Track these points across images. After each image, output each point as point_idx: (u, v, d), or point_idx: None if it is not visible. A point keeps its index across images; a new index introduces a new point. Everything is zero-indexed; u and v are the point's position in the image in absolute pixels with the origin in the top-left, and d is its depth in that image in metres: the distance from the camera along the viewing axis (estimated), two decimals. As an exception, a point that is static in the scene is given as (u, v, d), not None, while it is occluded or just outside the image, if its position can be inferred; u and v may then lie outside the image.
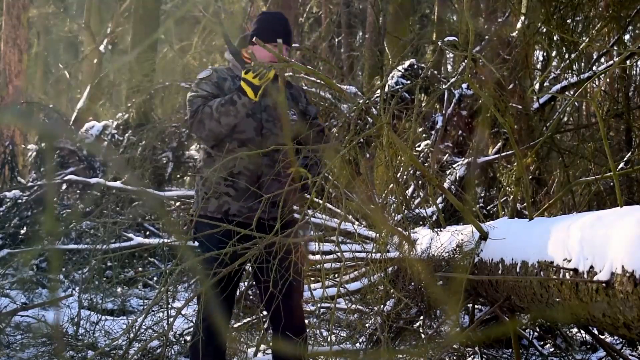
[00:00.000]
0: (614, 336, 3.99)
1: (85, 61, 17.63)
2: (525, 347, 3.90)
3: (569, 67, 5.29)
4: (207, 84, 3.09)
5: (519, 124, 5.22)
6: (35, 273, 6.01)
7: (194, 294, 3.01)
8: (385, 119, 2.89)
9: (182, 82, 8.49)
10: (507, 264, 2.87)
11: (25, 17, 10.87)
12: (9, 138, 9.83)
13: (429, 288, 3.32)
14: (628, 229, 2.08)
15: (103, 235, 4.56)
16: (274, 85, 3.06)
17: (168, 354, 3.83)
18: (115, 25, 16.41)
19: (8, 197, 6.48)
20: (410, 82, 5.57)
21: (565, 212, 5.08)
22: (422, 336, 3.51)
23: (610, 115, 5.22)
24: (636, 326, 2.08)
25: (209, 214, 3.03)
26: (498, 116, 3.13)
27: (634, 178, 5.00)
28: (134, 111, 8.73)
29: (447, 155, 5.60)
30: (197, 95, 3.06)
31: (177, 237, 3.85)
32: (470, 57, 3.04)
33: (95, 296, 4.72)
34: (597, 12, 5.27)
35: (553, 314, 2.61)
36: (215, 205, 3.03)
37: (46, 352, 3.70)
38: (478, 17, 7.92)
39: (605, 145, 2.74)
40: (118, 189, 5.63)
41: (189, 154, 8.20)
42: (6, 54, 10.64)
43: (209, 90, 3.07)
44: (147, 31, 11.05)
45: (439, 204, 4.79)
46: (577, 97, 4.19)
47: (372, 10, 9.51)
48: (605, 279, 2.13)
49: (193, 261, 3.04)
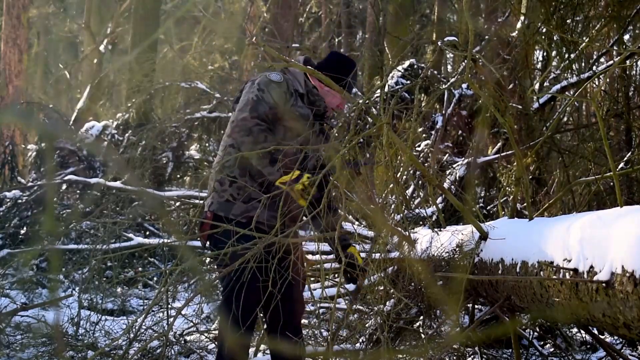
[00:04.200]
0: (614, 336, 3.99)
1: (85, 61, 17.64)
2: (525, 347, 3.90)
3: (569, 67, 5.29)
4: (276, 92, 3.00)
5: (519, 124, 5.22)
6: (35, 273, 6.01)
7: (194, 294, 3.01)
8: (385, 119, 2.89)
9: (182, 82, 8.50)
10: (507, 264, 2.87)
11: (25, 17, 10.88)
12: (9, 138, 9.84)
13: (429, 288, 3.32)
14: (628, 229, 2.08)
15: (103, 235, 4.56)
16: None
17: (168, 354, 3.83)
18: (115, 25, 16.41)
19: (8, 197, 6.48)
20: (410, 82, 5.57)
21: (565, 212, 5.07)
22: (422, 336, 3.51)
23: (610, 115, 5.22)
24: (636, 326, 2.08)
25: (231, 217, 2.99)
26: (498, 116, 3.13)
27: (634, 178, 4.99)
28: (134, 111, 8.73)
29: (447, 155, 5.60)
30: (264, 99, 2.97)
31: (177, 237, 3.85)
32: (470, 57, 3.04)
33: (95, 296, 4.73)
34: (597, 12, 5.26)
35: (553, 314, 2.61)
36: (240, 209, 2.99)
37: (46, 352, 3.70)
38: (478, 17, 7.93)
39: (605, 145, 2.74)
40: (118, 189, 5.64)
41: (189, 154, 8.21)
42: (6, 54, 10.64)
43: (276, 99, 2.98)
44: (147, 31, 11.05)
45: (439, 204, 4.79)
46: (577, 97, 4.19)
47: (372, 10, 9.51)
48: (605, 279, 2.13)
49: (193, 261, 3.04)
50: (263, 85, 3.00)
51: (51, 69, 21.77)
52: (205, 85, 8.49)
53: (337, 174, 2.74)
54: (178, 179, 8.55)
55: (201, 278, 4.17)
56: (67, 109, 16.95)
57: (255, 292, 2.88)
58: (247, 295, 2.86)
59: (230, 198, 3.01)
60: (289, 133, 3.02)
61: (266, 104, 2.97)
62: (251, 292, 2.88)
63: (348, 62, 3.21)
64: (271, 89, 3.00)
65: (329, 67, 3.11)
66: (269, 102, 2.97)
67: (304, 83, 3.12)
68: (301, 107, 3.06)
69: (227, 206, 3.01)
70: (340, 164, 2.73)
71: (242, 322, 2.88)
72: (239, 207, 2.99)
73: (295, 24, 12.29)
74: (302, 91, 3.10)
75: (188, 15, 16.03)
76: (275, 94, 2.99)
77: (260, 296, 2.89)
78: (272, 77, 3.03)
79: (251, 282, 2.84)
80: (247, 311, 2.89)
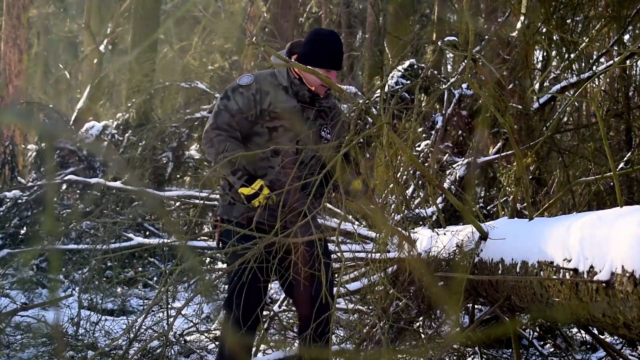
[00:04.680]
0: (614, 336, 3.99)
1: (85, 61, 17.63)
2: (525, 347, 3.90)
3: (569, 67, 5.29)
4: (242, 95, 3.01)
5: (519, 124, 5.22)
6: (35, 273, 6.01)
7: (194, 294, 3.01)
8: (385, 119, 2.89)
9: (182, 82, 8.49)
10: (507, 264, 2.87)
11: (25, 17, 10.87)
12: (9, 138, 9.84)
13: (429, 288, 3.32)
14: (628, 229, 2.09)
15: (103, 235, 4.56)
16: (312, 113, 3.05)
17: (168, 354, 3.83)
18: (115, 25, 16.40)
19: (8, 197, 6.48)
20: (410, 82, 5.57)
21: (565, 212, 5.07)
22: (422, 336, 3.51)
23: (610, 115, 5.22)
24: (636, 326, 2.08)
25: (232, 219, 3.03)
26: (498, 116, 3.13)
27: (634, 178, 4.99)
28: (134, 111, 8.73)
29: (447, 155, 5.60)
30: (225, 108, 3.00)
31: (177, 237, 3.85)
32: (470, 57, 3.04)
33: (95, 296, 4.72)
34: (597, 12, 5.26)
35: (553, 314, 2.61)
36: (240, 211, 3.01)
37: (46, 352, 3.69)
38: (478, 17, 7.93)
39: (605, 145, 2.75)
40: (118, 189, 5.63)
41: (189, 154, 8.21)
42: (6, 54, 10.64)
43: (240, 105, 3.00)
44: (147, 31, 11.04)
45: (439, 204, 4.79)
46: (577, 97, 4.19)
47: (372, 10, 9.51)
48: (605, 279, 2.13)
49: (193, 261, 3.04)
50: (230, 92, 3.04)
51: (51, 69, 21.77)
52: (205, 85, 8.49)
53: (337, 174, 2.74)
54: (178, 179, 8.54)
55: (201, 278, 4.17)
56: (67, 109, 16.95)
57: (256, 292, 2.88)
58: (247, 295, 2.86)
59: (231, 200, 3.05)
60: (278, 131, 3.03)
61: (228, 112, 3.00)
62: (252, 292, 2.88)
63: (327, 37, 3.10)
64: (236, 95, 3.02)
65: (313, 49, 3.05)
66: (232, 109, 3.00)
67: (286, 75, 3.08)
68: (283, 100, 3.04)
69: (229, 209, 3.06)
70: (340, 164, 2.73)
71: (243, 322, 2.88)
72: (239, 209, 3.02)
73: (295, 24, 12.29)
74: (286, 84, 3.07)
75: (188, 15, 16.02)
76: (240, 98, 3.01)
77: (261, 297, 2.90)
78: (241, 80, 3.06)
79: (252, 283, 2.84)
80: (247, 311, 2.89)
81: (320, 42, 3.06)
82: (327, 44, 3.05)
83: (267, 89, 3.04)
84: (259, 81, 3.05)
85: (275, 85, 3.06)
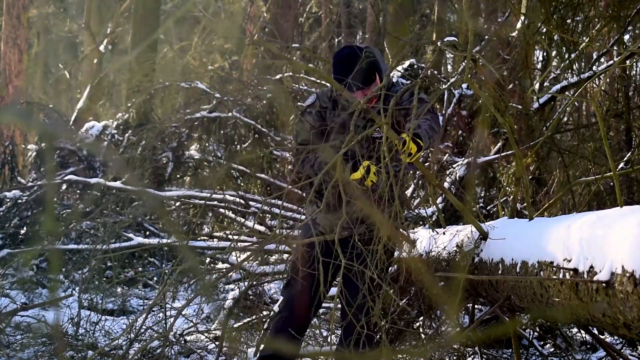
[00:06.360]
0: (614, 336, 3.99)
1: (85, 61, 17.62)
2: (525, 347, 3.90)
3: (569, 67, 5.29)
4: (310, 114, 3.28)
5: (519, 124, 5.22)
6: (35, 273, 6.01)
7: (194, 295, 3.02)
8: (385, 119, 2.89)
9: (182, 82, 8.48)
10: (507, 264, 2.87)
11: (25, 17, 10.87)
12: (9, 138, 9.84)
13: (429, 288, 3.32)
14: (628, 229, 2.09)
15: (103, 235, 4.57)
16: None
17: (168, 354, 3.83)
18: (115, 25, 16.40)
19: (8, 197, 6.47)
20: (410, 82, 5.57)
21: (565, 212, 5.07)
22: (422, 336, 3.51)
23: (610, 115, 5.22)
24: (636, 326, 2.08)
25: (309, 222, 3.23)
26: (498, 116, 3.13)
27: (634, 178, 4.99)
28: (134, 111, 8.72)
29: (447, 155, 5.60)
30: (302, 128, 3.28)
31: (177, 237, 3.86)
32: (470, 57, 3.04)
33: (95, 296, 4.73)
34: (597, 12, 5.26)
35: (553, 314, 2.61)
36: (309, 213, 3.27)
37: (46, 352, 3.70)
38: (478, 17, 7.93)
39: (605, 145, 2.75)
40: (118, 189, 5.64)
41: (189, 154, 8.20)
42: (6, 54, 10.64)
43: (312, 122, 3.26)
44: (147, 31, 11.04)
45: (439, 204, 4.79)
46: (577, 97, 4.19)
47: (372, 10, 9.52)
48: (605, 279, 2.13)
49: (193, 261, 3.05)
50: (301, 115, 3.33)
51: (51, 69, 21.76)
52: (205, 85, 8.47)
53: (338, 174, 2.74)
54: (178, 179, 8.53)
55: (201, 278, 4.17)
56: (67, 109, 16.94)
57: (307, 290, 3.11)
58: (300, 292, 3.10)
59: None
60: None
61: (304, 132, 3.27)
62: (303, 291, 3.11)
63: (342, 58, 3.24)
64: (305, 115, 3.29)
65: (334, 67, 3.24)
66: (305, 129, 3.27)
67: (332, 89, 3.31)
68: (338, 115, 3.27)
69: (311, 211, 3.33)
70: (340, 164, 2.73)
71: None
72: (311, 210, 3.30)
73: (295, 24, 12.30)
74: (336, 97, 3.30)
75: (188, 15, 16.03)
76: (309, 118, 3.28)
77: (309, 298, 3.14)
78: (306, 102, 3.35)
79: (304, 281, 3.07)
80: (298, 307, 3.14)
81: (334, 58, 3.26)
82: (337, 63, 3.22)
83: (326, 105, 3.29)
84: (320, 98, 3.32)
85: (330, 99, 3.30)
